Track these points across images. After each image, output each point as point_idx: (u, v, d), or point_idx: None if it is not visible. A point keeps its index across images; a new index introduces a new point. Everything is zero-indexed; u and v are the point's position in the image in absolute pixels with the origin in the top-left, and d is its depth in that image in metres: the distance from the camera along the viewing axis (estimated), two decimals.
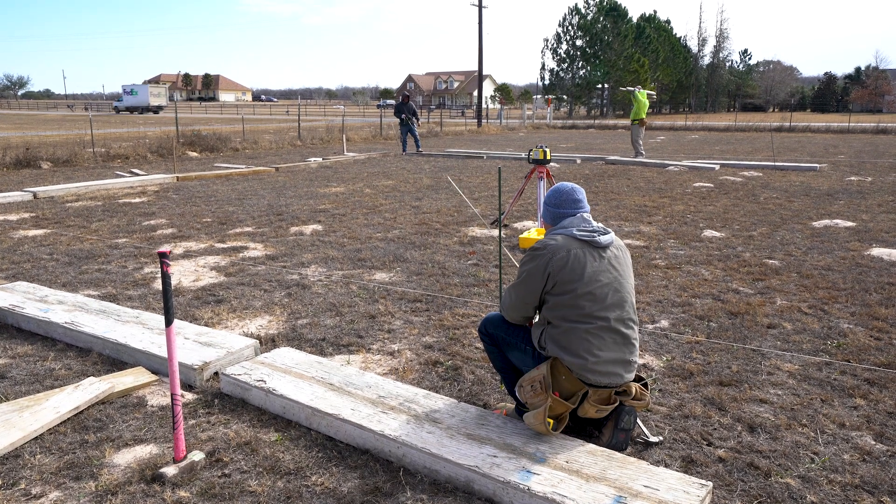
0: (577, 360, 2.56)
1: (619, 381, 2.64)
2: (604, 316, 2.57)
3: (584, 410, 2.63)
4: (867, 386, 3.36)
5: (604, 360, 2.58)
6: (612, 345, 2.60)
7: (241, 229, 7.51)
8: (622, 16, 59.92)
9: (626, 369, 2.65)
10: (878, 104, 66.36)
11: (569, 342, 2.58)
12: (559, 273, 2.56)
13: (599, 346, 2.57)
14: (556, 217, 2.75)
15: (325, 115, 48.80)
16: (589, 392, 2.61)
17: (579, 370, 2.57)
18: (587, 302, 2.55)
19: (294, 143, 21.07)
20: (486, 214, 8.45)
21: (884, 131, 28.21)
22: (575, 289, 2.55)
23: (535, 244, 2.68)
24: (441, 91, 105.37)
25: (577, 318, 2.57)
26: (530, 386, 2.62)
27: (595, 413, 2.63)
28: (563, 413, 2.61)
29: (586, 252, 2.59)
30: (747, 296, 4.88)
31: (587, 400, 2.61)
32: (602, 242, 2.62)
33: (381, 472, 2.60)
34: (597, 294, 2.56)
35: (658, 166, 14.39)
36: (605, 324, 2.58)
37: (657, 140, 25.09)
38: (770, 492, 2.46)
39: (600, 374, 2.59)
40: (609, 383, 2.61)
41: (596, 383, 2.60)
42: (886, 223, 7.69)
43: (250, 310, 4.62)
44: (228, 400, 3.22)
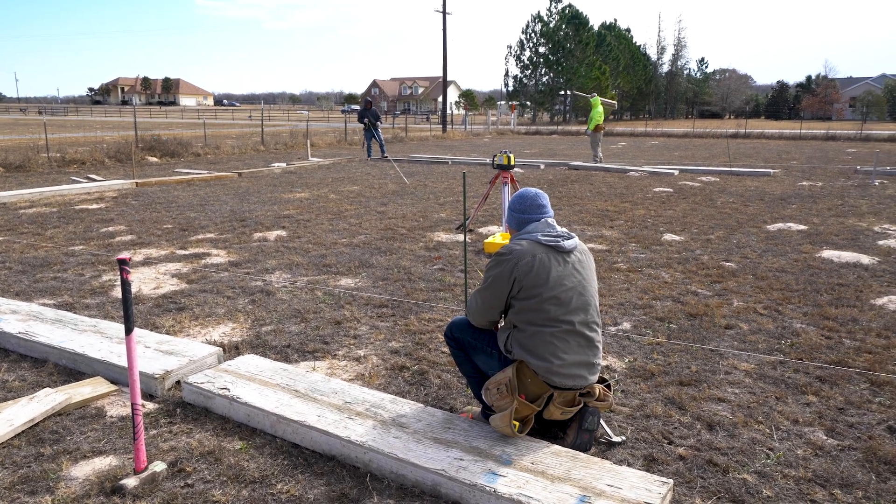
0: (543, 364, 2.60)
1: (584, 382, 2.68)
2: (569, 320, 2.61)
3: (550, 413, 2.67)
4: (819, 383, 3.48)
5: (569, 362, 2.62)
6: (577, 348, 2.64)
7: (203, 235, 7.39)
8: (584, 24, 60.88)
9: (590, 371, 2.69)
10: (827, 112, 68.73)
11: (534, 346, 2.61)
12: (525, 278, 2.60)
13: (564, 350, 2.61)
14: (520, 222, 2.78)
15: (289, 120, 48.33)
16: (554, 395, 2.64)
17: (545, 373, 2.61)
18: (552, 306, 2.59)
19: (257, 149, 20.82)
20: (451, 219, 8.48)
21: (833, 138, 29.28)
22: (540, 293, 2.59)
23: (500, 249, 2.71)
24: (406, 96, 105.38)
25: (542, 322, 2.61)
26: (496, 389, 2.65)
27: (560, 415, 2.67)
28: (529, 415, 2.64)
29: (551, 257, 2.63)
30: (705, 297, 5.01)
31: (552, 402, 2.65)
32: (566, 247, 2.66)
33: (348, 478, 2.59)
34: (562, 298, 2.60)
35: (619, 172, 14.66)
36: (569, 327, 2.62)
37: (618, 146, 25.55)
38: (728, 487, 2.54)
39: (565, 377, 2.63)
40: (574, 385, 2.66)
41: (561, 385, 2.64)
42: (836, 226, 7.98)
43: (213, 317, 4.56)
44: (191, 409, 3.17)
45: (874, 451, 2.79)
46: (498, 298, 2.69)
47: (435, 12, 34.81)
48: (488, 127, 38.96)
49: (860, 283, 5.40)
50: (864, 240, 7.18)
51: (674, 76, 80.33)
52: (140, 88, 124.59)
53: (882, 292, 5.14)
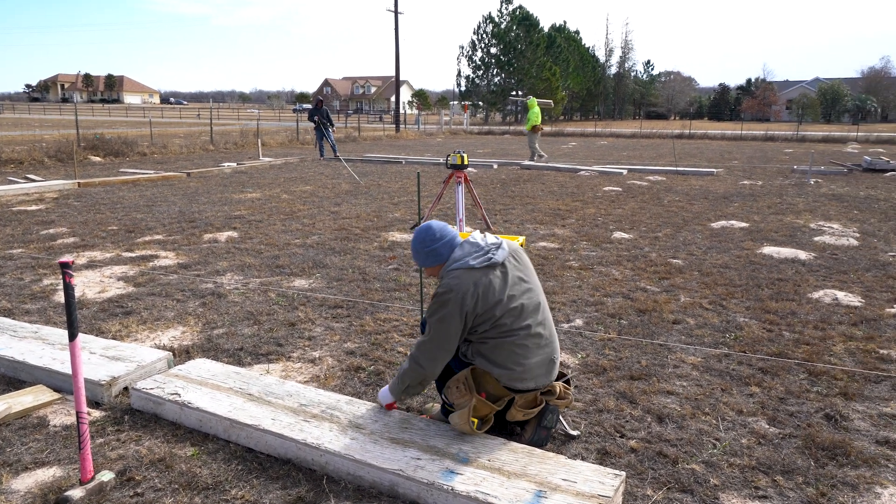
0: (505, 372, 2.64)
1: (545, 381, 2.72)
2: (525, 325, 2.64)
3: (512, 415, 2.71)
4: (761, 374, 3.63)
5: (530, 366, 2.66)
6: (536, 349, 2.68)
7: (150, 237, 7.18)
8: (534, 25, 61.61)
9: (549, 370, 2.73)
10: (766, 113, 71.52)
11: (496, 356, 2.64)
12: (475, 309, 2.55)
13: (525, 355, 2.64)
14: (444, 250, 2.69)
15: (239, 119, 47.37)
16: (515, 398, 2.68)
17: (507, 381, 2.65)
18: (508, 319, 2.61)
19: (206, 148, 20.33)
20: (405, 219, 8.47)
21: (771, 139, 30.46)
22: (494, 314, 2.58)
23: (437, 290, 2.60)
24: (358, 96, 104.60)
25: (501, 334, 2.62)
26: (456, 387, 2.67)
27: (522, 416, 2.71)
28: (488, 414, 2.67)
29: (490, 277, 2.58)
30: (654, 294, 5.15)
31: (514, 405, 2.69)
32: (500, 260, 2.61)
33: (304, 481, 2.57)
34: (514, 309, 2.62)
35: (570, 171, 14.91)
36: (526, 332, 2.65)
37: (569, 146, 25.98)
38: (678, 478, 2.62)
39: (527, 381, 2.67)
40: (536, 387, 2.70)
41: (524, 389, 2.68)
42: (775, 223, 8.31)
43: (162, 321, 4.44)
44: (140, 416, 3.08)
45: (813, 438, 2.92)
46: (452, 338, 2.60)
47: (387, 11, 34.70)
48: (441, 127, 39.04)
49: (798, 278, 5.65)
50: (801, 236, 7.51)
51: (621, 78, 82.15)
52: (81, 85, 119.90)
53: (818, 286, 5.38)
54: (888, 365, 3.77)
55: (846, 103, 66.46)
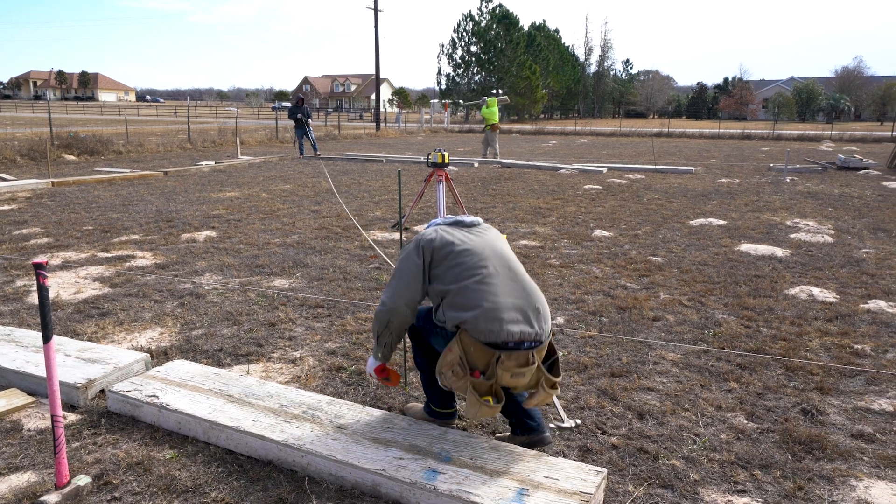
0: (474, 312, 2.48)
1: (529, 330, 2.51)
2: (484, 264, 2.59)
3: (501, 378, 2.50)
4: (740, 370, 3.68)
5: (502, 305, 2.50)
6: (505, 288, 2.56)
7: (126, 237, 7.07)
8: (514, 24, 61.77)
9: (530, 318, 2.54)
10: (742, 112, 72.50)
11: (463, 299, 2.53)
12: (432, 246, 2.65)
13: (493, 292, 2.53)
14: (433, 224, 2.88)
15: (217, 117, 46.88)
16: (501, 357, 2.49)
17: (480, 324, 2.47)
18: (467, 258, 2.59)
19: (184, 146, 20.09)
20: (386, 218, 8.45)
21: (748, 137, 30.89)
22: (451, 251, 2.61)
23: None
24: (338, 94, 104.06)
25: (462, 275, 2.56)
26: (450, 371, 2.54)
27: (511, 379, 2.50)
28: (488, 388, 2.52)
29: (453, 229, 2.73)
30: (634, 291, 5.19)
31: (500, 365, 2.48)
32: (466, 222, 2.76)
33: (286, 482, 2.55)
34: (474, 250, 2.62)
35: (551, 169, 14.98)
36: (488, 270, 2.58)
37: (549, 144, 26.10)
38: (658, 473, 2.64)
39: (504, 323, 2.47)
40: (518, 334, 2.48)
41: (505, 339, 2.47)
42: (752, 221, 8.43)
43: (139, 322, 4.37)
44: (117, 419, 3.03)
45: (790, 432, 2.97)
46: (413, 271, 2.64)
47: (366, 9, 34.54)
48: (422, 125, 38.99)
49: (775, 275, 5.73)
50: (778, 233, 7.62)
51: (601, 76, 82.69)
52: (55, 82, 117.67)
53: (794, 282, 5.46)
54: (862, 360, 3.84)
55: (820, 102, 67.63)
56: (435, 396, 2.89)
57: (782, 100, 67.97)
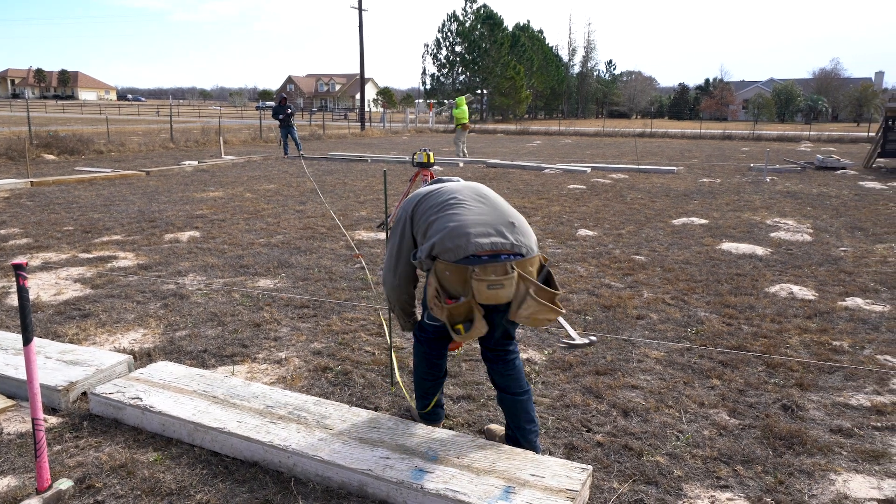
0: (441, 234, 2.42)
1: (501, 241, 2.38)
2: (454, 197, 2.58)
3: (478, 294, 2.36)
4: (722, 367, 3.72)
5: (469, 222, 2.42)
6: (474, 210, 2.50)
7: (108, 238, 7.00)
8: (498, 24, 61.86)
9: (501, 232, 2.42)
10: (723, 113, 73.24)
11: (435, 227, 2.49)
12: (412, 201, 2.68)
13: (460, 213, 2.48)
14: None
15: (200, 117, 46.49)
16: (476, 270, 2.35)
17: (447, 242, 2.39)
18: (439, 197, 2.61)
19: (166, 146, 19.89)
20: (371, 217, 8.43)
21: (729, 137, 31.23)
22: (426, 197, 2.66)
23: None
24: (322, 93, 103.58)
25: (434, 209, 2.57)
26: (434, 304, 2.47)
27: (488, 291, 2.34)
28: (467, 311, 2.41)
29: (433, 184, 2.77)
30: (618, 290, 5.23)
31: (474, 278, 2.35)
32: (443, 179, 2.81)
33: (272, 483, 2.54)
34: (446, 189, 2.65)
35: (535, 169, 15.04)
36: (457, 199, 2.56)
37: (534, 144, 26.19)
38: (643, 470, 2.67)
39: (471, 237, 2.38)
40: (490, 246, 2.36)
41: (475, 251, 2.35)
42: (733, 220, 8.53)
43: (122, 323, 4.33)
44: (100, 421, 3.00)
45: (771, 428, 3.01)
46: (404, 238, 2.65)
47: (351, 9, 34.42)
48: (407, 125, 38.95)
49: (755, 273, 5.80)
50: (758, 232, 7.72)
51: (584, 77, 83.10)
52: (33, 81, 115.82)
53: (774, 280, 5.54)
54: (840, 356, 3.91)
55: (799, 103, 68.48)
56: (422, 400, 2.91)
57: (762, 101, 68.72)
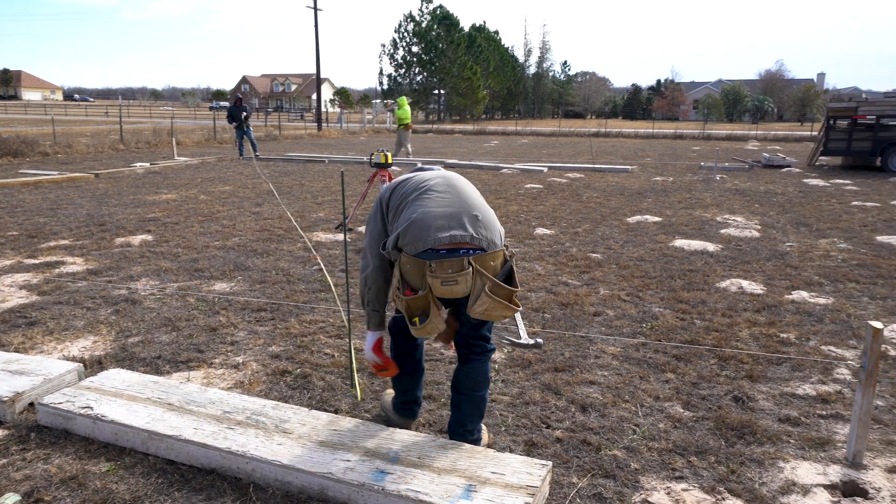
0: (406, 224, 2.41)
1: (460, 233, 2.36)
2: (425, 185, 2.57)
3: (434, 288, 2.36)
4: (676, 361, 3.82)
5: (432, 214, 2.40)
6: (441, 200, 2.46)
7: (55, 242, 6.76)
8: (454, 25, 62.05)
9: (462, 224, 2.39)
10: (675, 113, 75.05)
11: (402, 217, 2.49)
12: (387, 192, 2.69)
13: (426, 204, 2.45)
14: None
15: (152, 117, 45.31)
16: (432, 265, 2.34)
17: (410, 233, 2.39)
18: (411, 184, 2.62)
19: (116, 147, 19.31)
20: (330, 219, 8.36)
21: (680, 137, 32.04)
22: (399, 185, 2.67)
23: None
24: (278, 93, 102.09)
25: (405, 197, 2.56)
26: (396, 297, 2.50)
27: (442, 287, 2.34)
28: (423, 305, 2.40)
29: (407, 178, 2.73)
30: (575, 287, 5.32)
31: (430, 274, 2.34)
32: (424, 168, 2.80)
33: (230, 490, 2.50)
34: (418, 177, 2.65)
35: (493, 169, 15.14)
36: (427, 186, 2.55)
37: (491, 144, 26.36)
38: (601, 464, 2.72)
39: (432, 230, 2.36)
40: (448, 239, 2.35)
41: (434, 245, 2.34)
42: (685, 218, 8.76)
43: (71, 331, 4.19)
44: (48, 432, 2.90)
45: (723, 419, 3.11)
46: (376, 229, 2.66)
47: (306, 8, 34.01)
48: (364, 125, 38.72)
49: (707, 269, 5.97)
50: (709, 229, 7.94)
51: (540, 78, 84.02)
52: None
53: (725, 276, 5.71)
54: (787, 347, 4.06)
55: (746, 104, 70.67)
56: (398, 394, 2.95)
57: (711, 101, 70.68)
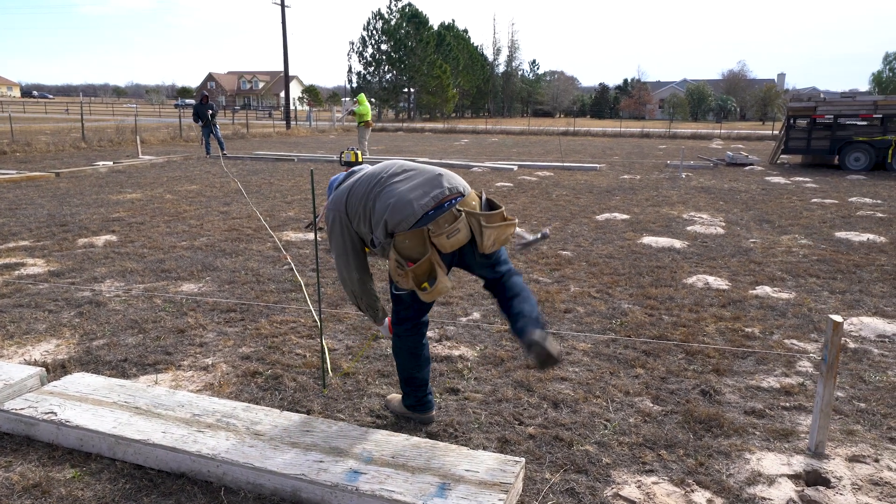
0: (388, 210, 2.58)
1: (440, 191, 2.60)
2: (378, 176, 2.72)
3: (441, 246, 2.56)
4: (645, 357, 3.88)
5: (407, 189, 2.60)
6: (406, 182, 2.65)
7: (14, 244, 6.56)
8: (423, 23, 61.99)
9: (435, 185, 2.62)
10: (641, 112, 76.23)
11: (378, 211, 2.62)
12: (340, 201, 2.76)
13: (395, 188, 2.63)
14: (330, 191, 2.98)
15: (115, 115, 44.27)
16: (430, 227, 2.55)
17: (398, 214, 2.56)
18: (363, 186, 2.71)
19: (77, 146, 18.83)
20: (300, 218, 8.28)
21: (647, 135, 32.56)
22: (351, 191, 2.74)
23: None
24: (245, 91, 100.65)
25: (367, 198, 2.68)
26: (397, 274, 2.63)
27: (448, 240, 2.55)
28: (428, 268, 2.59)
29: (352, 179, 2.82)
30: (546, 285, 5.36)
31: (433, 236, 2.56)
32: (355, 170, 2.89)
33: (200, 494, 2.46)
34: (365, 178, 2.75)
35: (464, 167, 15.17)
36: (383, 177, 2.70)
37: (461, 143, 26.41)
38: (573, 459, 2.75)
39: (418, 199, 2.57)
40: (433, 201, 2.57)
41: (424, 211, 2.55)
42: (653, 215, 8.90)
43: (32, 334, 4.08)
44: (10, 439, 2.82)
45: (691, 412, 3.17)
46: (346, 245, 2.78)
47: (273, 4, 33.59)
48: (334, 123, 38.43)
49: (674, 265, 6.08)
50: (676, 226, 8.08)
51: (509, 76, 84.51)
52: None
53: (691, 272, 5.82)
54: (752, 341, 4.15)
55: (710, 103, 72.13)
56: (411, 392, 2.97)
57: (677, 100, 71.99)
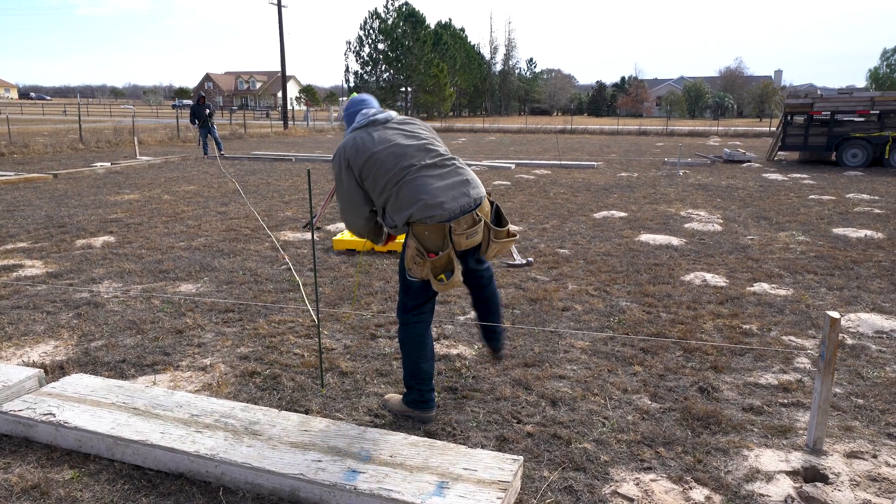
0: (417, 206, 2.72)
1: (468, 200, 2.80)
2: (411, 163, 2.79)
3: (458, 244, 2.78)
4: (643, 354, 3.89)
5: (437, 193, 2.74)
6: (439, 178, 2.79)
7: (13, 245, 6.56)
8: (420, 22, 61.90)
9: (466, 188, 2.82)
10: (639, 109, 76.18)
11: (405, 199, 2.74)
12: (355, 157, 2.81)
13: (428, 183, 2.76)
14: (348, 119, 3.02)
15: (112, 116, 44.23)
16: (452, 226, 2.75)
17: (426, 211, 2.71)
18: (390, 160, 2.78)
19: (75, 147, 18.80)
20: (297, 218, 8.28)
21: (644, 133, 32.58)
22: (375, 158, 2.79)
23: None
24: (243, 91, 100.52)
25: (395, 178, 2.77)
26: (413, 263, 2.79)
27: (466, 241, 2.79)
28: (447, 261, 2.76)
29: (368, 132, 2.87)
30: (544, 283, 5.37)
31: (453, 234, 2.76)
32: (379, 120, 2.92)
33: (199, 494, 2.46)
34: (394, 151, 2.80)
35: None
36: (418, 165, 2.79)
37: (459, 141, 26.40)
38: (571, 457, 2.76)
39: (444, 205, 2.73)
40: (461, 206, 2.76)
41: (450, 213, 2.73)
42: (650, 213, 8.90)
43: (31, 336, 4.07)
44: (8, 441, 2.82)
45: (689, 410, 3.17)
46: (353, 190, 2.88)
47: (270, 4, 33.52)
48: (331, 123, 38.40)
49: (672, 263, 6.09)
50: (674, 224, 8.09)
51: (506, 75, 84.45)
52: None
53: (689, 269, 5.83)
54: (750, 338, 4.16)
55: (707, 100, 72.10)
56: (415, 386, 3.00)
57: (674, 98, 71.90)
